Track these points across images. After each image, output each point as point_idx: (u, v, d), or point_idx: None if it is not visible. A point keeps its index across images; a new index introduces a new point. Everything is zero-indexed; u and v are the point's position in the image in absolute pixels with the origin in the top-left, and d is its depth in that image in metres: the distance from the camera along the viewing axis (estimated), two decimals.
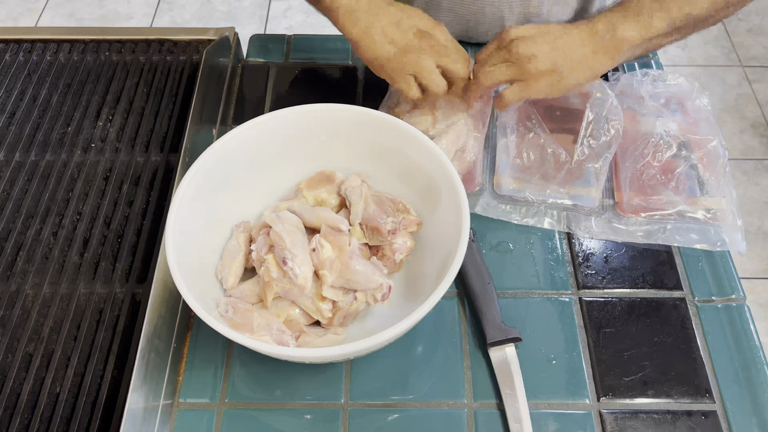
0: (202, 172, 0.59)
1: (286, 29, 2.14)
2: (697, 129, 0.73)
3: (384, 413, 0.58)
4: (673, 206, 0.68)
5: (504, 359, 0.60)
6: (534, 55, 0.61)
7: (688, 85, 0.76)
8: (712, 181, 0.70)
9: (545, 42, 0.62)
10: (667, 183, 0.69)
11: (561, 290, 0.65)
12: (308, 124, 0.65)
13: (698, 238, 0.67)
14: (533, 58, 0.61)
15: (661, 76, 0.77)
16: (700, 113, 0.74)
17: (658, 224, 0.68)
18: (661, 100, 0.75)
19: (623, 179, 0.70)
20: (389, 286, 0.58)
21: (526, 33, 0.63)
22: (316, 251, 0.57)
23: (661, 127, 0.72)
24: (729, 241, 0.67)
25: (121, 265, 0.63)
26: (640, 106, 0.74)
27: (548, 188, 0.70)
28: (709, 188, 0.69)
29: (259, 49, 0.88)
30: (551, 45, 0.62)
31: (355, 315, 0.60)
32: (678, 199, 0.68)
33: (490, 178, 0.72)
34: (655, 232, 0.68)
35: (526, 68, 0.62)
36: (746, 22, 2.18)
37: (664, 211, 0.68)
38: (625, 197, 0.69)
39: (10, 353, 0.58)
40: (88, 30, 0.86)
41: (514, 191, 0.70)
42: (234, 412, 0.58)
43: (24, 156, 0.72)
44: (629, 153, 0.72)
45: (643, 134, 0.72)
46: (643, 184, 0.69)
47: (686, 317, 0.63)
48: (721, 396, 0.59)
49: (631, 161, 0.71)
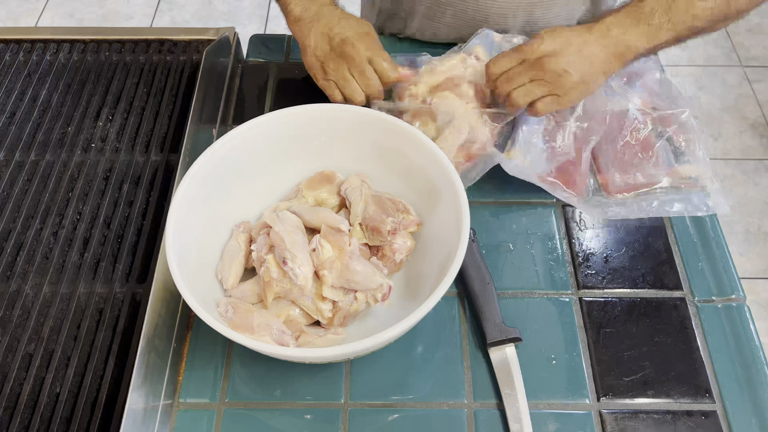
0: (202, 172, 0.59)
1: (286, 29, 2.14)
2: (664, 102, 0.76)
3: (384, 413, 0.58)
4: (656, 179, 0.71)
5: (504, 359, 0.60)
6: (566, 71, 0.63)
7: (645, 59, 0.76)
8: (687, 150, 0.73)
9: (572, 54, 0.63)
10: (648, 159, 0.72)
11: (561, 290, 0.65)
12: (308, 124, 0.65)
13: (683, 206, 0.70)
14: (565, 74, 0.64)
15: None
16: (661, 86, 0.77)
17: (645, 199, 0.70)
18: (623, 78, 0.77)
19: (603, 161, 0.73)
20: (389, 286, 0.58)
21: (552, 48, 0.64)
22: (316, 251, 0.57)
23: (633, 106, 0.74)
24: (713, 205, 0.69)
25: (121, 265, 0.63)
26: (604, 87, 0.74)
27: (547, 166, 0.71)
28: (687, 157, 0.73)
29: (259, 49, 0.88)
30: (577, 56, 0.64)
31: (355, 315, 0.60)
32: (660, 172, 0.71)
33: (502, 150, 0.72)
34: (644, 208, 0.69)
35: (560, 83, 0.64)
36: (746, 22, 2.18)
37: (649, 185, 0.71)
38: (609, 178, 0.72)
39: (10, 353, 0.58)
40: (88, 30, 0.86)
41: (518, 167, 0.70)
42: (234, 412, 0.58)
43: (24, 156, 0.72)
44: (605, 135, 0.73)
45: (614, 115, 0.74)
46: (625, 163, 0.72)
47: (686, 317, 0.63)
48: (721, 396, 0.59)
49: (608, 143, 0.73)
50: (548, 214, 0.71)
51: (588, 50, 0.64)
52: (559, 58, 0.63)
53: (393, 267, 0.62)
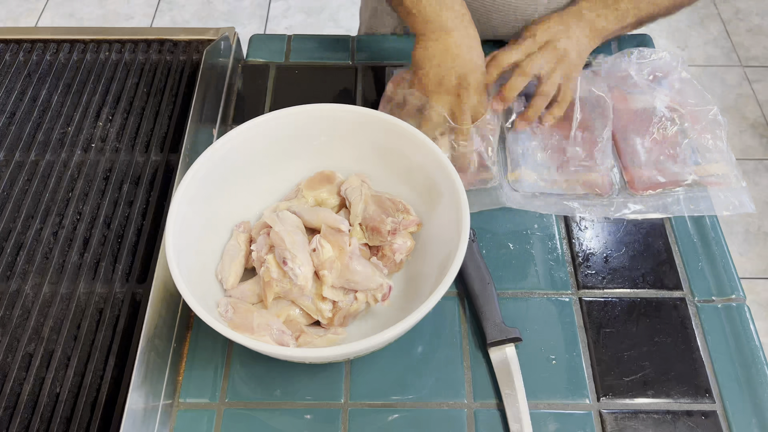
0: (202, 172, 0.59)
1: (286, 29, 2.14)
2: (689, 100, 0.76)
3: (384, 413, 0.58)
4: (683, 177, 0.71)
5: (504, 359, 0.60)
6: (566, 50, 0.71)
7: (671, 58, 0.79)
8: (713, 148, 0.73)
9: (562, 40, 0.71)
10: (675, 156, 0.72)
11: (561, 290, 0.65)
12: (308, 124, 0.65)
13: (708, 205, 0.70)
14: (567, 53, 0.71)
15: (643, 53, 0.79)
16: (685, 84, 0.78)
17: (671, 197, 0.70)
18: (648, 76, 0.78)
19: (629, 159, 0.73)
20: (389, 287, 0.58)
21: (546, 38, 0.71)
22: (316, 251, 0.57)
23: (660, 103, 0.74)
24: (738, 203, 0.69)
25: (121, 265, 0.63)
26: (628, 85, 0.77)
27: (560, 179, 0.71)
28: (712, 155, 0.72)
29: (259, 49, 0.88)
30: (568, 40, 0.71)
31: (355, 315, 0.60)
32: (686, 170, 0.71)
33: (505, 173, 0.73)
34: (669, 205, 0.70)
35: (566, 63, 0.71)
36: (746, 22, 2.18)
37: (676, 183, 0.71)
38: (635, 175, 0.72)
39: (10, 353, 0.58)
40: (88, 30, 0.86)
41: (531, 185, 0.71)
42: (234, 412, 0.58)
43: (24, 156, 0.72)
44: (630, 132, 0.74)
45: (639, 112, 0.74)
46: (652, 161, 0.72)
47: (686, 317, 0.63)
48: (721, 396, 0.59)
49: (634, 140, 0.73)
50: (548, 214, 0.71)
51: (571, 32, 0.72)
52: (556, 44, 0.71)
53: (393, 267, 0.62)
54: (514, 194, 0.71)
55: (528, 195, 0.71)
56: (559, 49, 0.70)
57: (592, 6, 0.73)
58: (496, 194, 0.71)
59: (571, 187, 0.71)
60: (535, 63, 0.70)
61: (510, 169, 0.73)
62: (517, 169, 0.72)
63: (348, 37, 0.89)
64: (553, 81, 0.71)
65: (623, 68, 0.78)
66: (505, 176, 0.72)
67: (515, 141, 0.74)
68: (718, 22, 2.18)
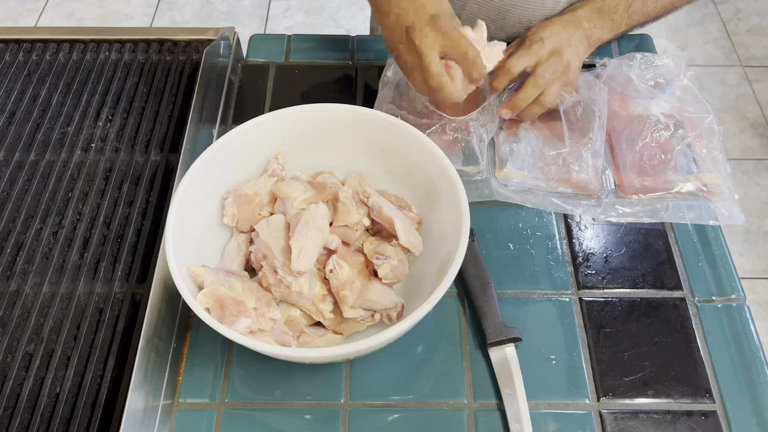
0: (202, 172, 0.59)
1: (286, 29, 2.14)
2: (688, 107, 0.76)
3: (384, 413, 0.58)
4: (674, 184, 0.70)
5: (504, 359, 0.60)
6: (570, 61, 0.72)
7: (674, 65, 0.78)
8: (707, 157, 0.72)
9: (567, 48, 0.72)
10: (667, 162, 0.71)
11: (561, 290, 0.65)
12: (308, 124, 0.65)
13: (698, 214, 0.70)
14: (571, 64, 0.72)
15: (647, 58, 0.79)
16: (686, 92, 0.77)
17: (660, 203, 0.70)
18: (650, 82, 0.78)
19: (622, 162, 0.72)
20: (402, 305, 0.58)
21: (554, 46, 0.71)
22: (333, 272, 0.57)
23: (656, 109, 0.74)
24: (728, 215, 0.69)
25: (121, 265, 0.63)
26: (629, 89, 0.76)
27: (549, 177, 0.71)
28: (706, 164, 0.72)
29: (259, 49, 0.88)
30: (570, 49, 0.72)
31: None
32: (678, 178, 0.71)
33: (493, 169, 0.73)
34: (658, 211, 0.69)
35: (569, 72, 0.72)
36: (746, 22, 2.18)
37: (666, 189, 0.70)
38: (626, 179, 0.71)
39: (10, 353, 0.58)
40: (88, 30, 0.85)
41: (519, 183, 0.71)
42: (234, 412, 0.58)
43: (24, 156, 0.72)
44: (625, 136, 0.74)
45: (637, 117, 0.74)
46: (644, 165, 0.72)
47: (686, 317, 0.63)
48: (721, 396, 0.59)
49: (628, 144, 0.73)
50: (548, 214, 0.71)
51: (573, 42, 0.73)
52: (562, 54, 0.71)
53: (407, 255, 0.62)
54: (503, 189, 0.71)
55: (517, 190, 0.71)
56: (563, 60, 0.71)
57: (590, 16, 0.74)
58: (484, 188, 0.71)
59: (560, 186, 0.71)
60: (547, 73, 0.70)
61: (498, 167, 0.73)
62: (505, 167, 0.73)
63: (348, 37, 0.89)
64: (553, 92, 0.71)
65: (625, 72, 0.77)
66: (493, 173, 0.73)
67: (506, 140, 0.74)
68: (718, 21, 2.18)
